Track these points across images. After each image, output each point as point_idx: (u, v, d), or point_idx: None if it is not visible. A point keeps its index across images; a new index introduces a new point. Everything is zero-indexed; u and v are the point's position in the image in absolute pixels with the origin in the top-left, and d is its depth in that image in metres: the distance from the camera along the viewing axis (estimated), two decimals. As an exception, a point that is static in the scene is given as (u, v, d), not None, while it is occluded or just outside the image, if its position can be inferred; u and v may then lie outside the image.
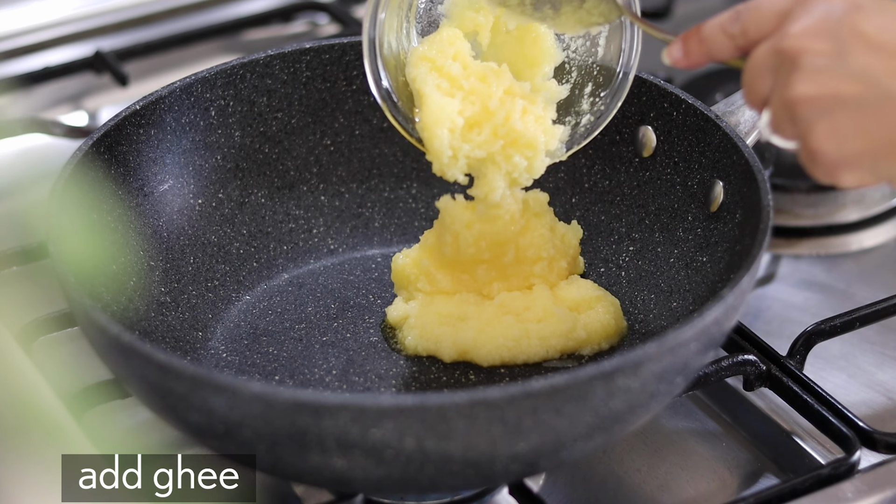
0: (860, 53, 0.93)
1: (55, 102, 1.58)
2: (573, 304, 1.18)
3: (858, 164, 0.95)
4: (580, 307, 1.18)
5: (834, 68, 0.94)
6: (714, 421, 1.18)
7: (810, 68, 0.94)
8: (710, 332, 1.00)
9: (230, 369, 1.17)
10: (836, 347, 1.23)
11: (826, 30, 0.94)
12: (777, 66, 0.96)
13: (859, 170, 0.95)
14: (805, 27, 0.95)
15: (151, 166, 1.20)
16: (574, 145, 1.16)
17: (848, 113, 0.94)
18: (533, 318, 1.16)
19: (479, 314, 1.17)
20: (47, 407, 1.05)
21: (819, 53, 0.94)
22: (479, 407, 0.92)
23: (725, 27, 1.01)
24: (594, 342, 1.17)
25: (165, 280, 1.19)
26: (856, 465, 1.09)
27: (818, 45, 0.94)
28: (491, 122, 1.12)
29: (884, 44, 0.93)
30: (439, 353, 1.17)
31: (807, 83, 0.94)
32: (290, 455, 0.96)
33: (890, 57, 0.93)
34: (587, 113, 1.16)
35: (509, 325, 1.16)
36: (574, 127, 1.16)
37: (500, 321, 1.16)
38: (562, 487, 1.12)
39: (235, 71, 1.24)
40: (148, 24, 1.67)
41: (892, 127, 0.93)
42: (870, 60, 0.93)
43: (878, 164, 0.95)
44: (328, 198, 1.30)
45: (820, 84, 0.94)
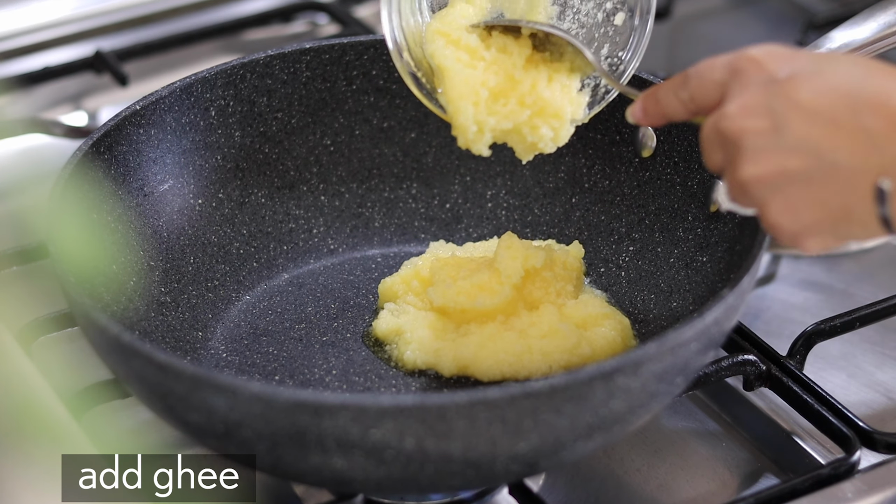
0: (798, 125, 0.92)
1: (55, 102, 1.58)
2: (580, 320, 1.17)
3: (818, 231, 0.94)
4: (587, 324, 1.17)
5: (775, 145, 0.93)
6: (714, 421, 1.18)
7: (752, 149, 0.94)
8: (710, 332, 1.00)
9: (230, 369, 1.17)
10: (836, 347, 1.23)
11: (761, 105, 0.93)
12: (722, 145, 0.96)
13: (821, 236, 0.94)
14: (741, 106, 0.94)
15: (151, 166, 1.20)
16: (595, 106, 1.15)
17: (798, 186, 0.93)
18: (537, 333, 1.15)
19: (480, 329, 1.16)
20: (47, 407, 1.05)
21: (757, 133, 0.93)
22: (479, 407, 0.92)
23: (676, 92, 1.01)
24: (599, 359, 1.14)
25: (165, 280, 1.19)
26: (856, 465, 1.09)
27: (756, 124, 0.93)
28: (517, 91, 1.11)
29: (820, 111, 0.92)
30: (439, 368, 1.15)
31: (751, 164, 0.94)
32: (290, 455, 0.96)
33: (828, 124, 0.91)
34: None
35: (512, 340, 1.14)
36: (594, 89, 1.15)
37: (501, 336, 1.15)
38: (562, 487, 1.12)
39: (235, 71, 1.24)
40: (148, 24, 1.67)
41: (842, 193, 0.92)
42: (809, 131, 0.92)
43: (836, 228, 0.94)
44: (328, 198, 1.30)
45: (764, 163, 0.93)
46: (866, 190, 0.91)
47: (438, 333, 1.17)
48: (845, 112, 0.91)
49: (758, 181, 0.94)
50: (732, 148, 0.95)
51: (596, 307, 1.18)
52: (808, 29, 1.61)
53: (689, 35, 1.72)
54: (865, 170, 0.91)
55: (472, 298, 1.16)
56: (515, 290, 1.16)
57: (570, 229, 1.28)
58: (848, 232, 0.94)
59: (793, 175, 0.93)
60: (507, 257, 1.16)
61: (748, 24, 1.74)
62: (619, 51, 1.14)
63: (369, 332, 1.20)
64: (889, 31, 1.17)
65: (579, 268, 1.21)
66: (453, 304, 1.16)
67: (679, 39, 1.72)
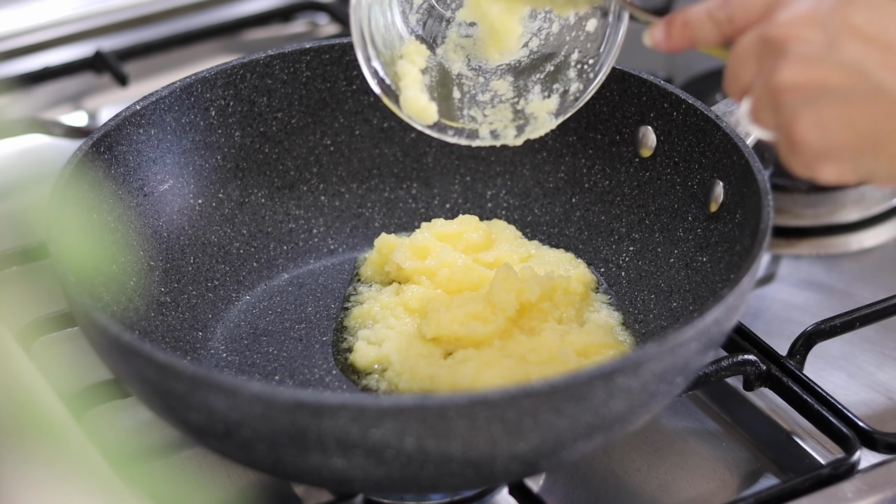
0: (850, 44, 0.91)
1: (55, 102, 1.58)
2: (581, 348, 1.14)
3: (840, 157, 0.93)
4: (588, 352, 1.15)
5: (823, 57, 0.92)
6: (714, 421, 1.18)
7: (798, 56, 0.92)
8: (710, 332, 1.00)
9: (230, 369, 1.17)
10: (836, 347, 1.23)
11: (817, 19, 0.92)
12: (763, 53, 0.94)
13: (840, 163, 0.93)
14: (795, 15, 0.93)
15: (151, 166, 1.20)
16: (564, 113, 1.14)
17: (834, 104, 0.91)
18: (536, 359, 1.13)
19: (477, 354, 1.13)
20: (47, 407, 1.05)
21: (808, 41, 0.92)
22: (479, 407, 0.92)
23: (713, 13, 0.99)
24: None
25: (165, 280, 1.19)
26: (856, 465, 1.09)
27: (808, 34, 0.92)
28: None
29: (875, 36, 0.91)
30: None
31: (794, 70, 0.92)
32: (290, 455, 0.96)
33: (882, 50, 0.91)
34: (575, 81, 1.15)
35: (510, 366, 1.11)
36: (563, 95, 1.15)
37: (500, 362, 1.12)
38: (562, 487, 1.12)
39: (235, 71, 1.24)
40: (148, 24, 1.67)
41: (878, 120, 0.91)
42: (860, 52, 0.91)
43: (860, 158, 0.92)
44: (328, 198, 1.30)
45: (807, 72, 0.92)
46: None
47: (428, 360, 1.14)
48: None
49: (795, 89, 0.92)
50: (776, 53, 0.93)
51: (599, 335, 1.16)
52: (808, 29, 1.61)
53: (689, 35, 1.72)
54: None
55: (464, 325, 1.14)
56: (510, 321, 1.15)
57: (570, 229, 1.28)
58: (872, 165, 0.92)
59: (834, 90, 0.91)
60: (501, 290, 1.14)
61: (748, 24, 1.74)
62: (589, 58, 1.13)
63: (344, 361, 1.18)
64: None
65: (584, 292, 1.20)
66: (447, 332, 1.14)
67: (679, 39, 1.71)
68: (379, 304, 1.20)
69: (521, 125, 1.14)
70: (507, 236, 1.26)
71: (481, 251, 1.23)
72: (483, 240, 1.24)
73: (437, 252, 1.22)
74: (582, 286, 1.20)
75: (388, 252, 1.23)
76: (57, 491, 0.97)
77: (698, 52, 1.04)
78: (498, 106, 1.14)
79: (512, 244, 1.25)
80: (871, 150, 0.92)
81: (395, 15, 1.13)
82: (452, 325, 1.15)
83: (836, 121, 0.91)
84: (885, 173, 0.93)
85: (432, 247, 1.22)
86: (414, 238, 1.23)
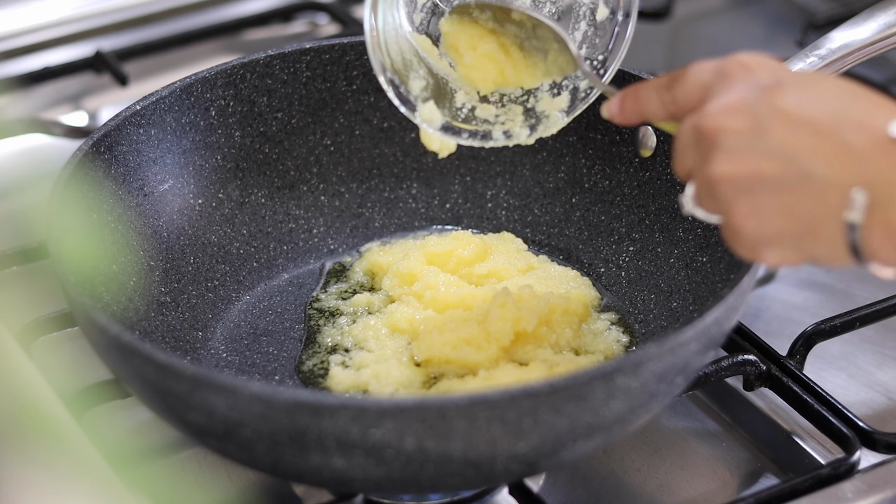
0: (779, 131, 0.91)
1: (55, 102, 1.58)
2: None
3: (780, 242, 0.92)
4: None
5: (752, 147, 0.91)
6: (714, 421, 1.18)
7: (728, 147, 0.92)
8: (710, 332, 1.00)
9: (230, 369, 1.17)
10: (836, 347, 1.23)
11: (745, 107, 0.92)
12: (698, 142, 0.94)
13: (781, 248, 0.92)
14: (724, 105, 0.93)
15: (151, 166, 1.20)
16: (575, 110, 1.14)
17: (768, 192, 0.91)
18: None
19: (461, 385, 1.12)
20: (47, 407, 1.05)
21: (737, 132, 0.92)
22: (479, 407, 0.92)
23: (658, 92, 1.00)
24: None
25: (165, 280, 1.19)
26: (856, 465, 1.09)
27: (736, 123, 0.92)
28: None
29: (804, 121, 0.90)
30: None
31: (725, 162, 0.92)
32: (290, 455, 0.96)
33: (810, 134, 0.90)
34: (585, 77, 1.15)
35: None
36: (573, 92, 1.15)
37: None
38: (562, 487, 1.12)
39: (235, 71, 1.24)
40: (148, 24, 1.67)
41: (812, 206, 0.90)
42: (789, 138, 0.90)
43: (799, 243, 0.92)
44: (328, 198, 1.30)
45: (738, 163, 0.92)
46: (837, 205, 0.89)
47: (407, 389, 1.13)
48: (829, 125, 0.90)
49: (728, 180, 0.92)
50: (708, 145, 0.93)
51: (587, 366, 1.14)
52: (808, 29, 1.61)
53: (689, 35, 1.72)
54: (841, 184, 0.89)
55: (456, 349, 1.13)
56: (503, 350, 1.14)
57: (570, 229, 1.28)
58: (812, 248, 0.92)
59: (765, 179, 0.91)
60: (498, 319, 1.13)
61: (748, 25, 1.74)
62: (598, 53, 1.13)
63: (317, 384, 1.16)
64: (889, 31, 1.17)
65: (583, 313, 1.19)
66: (438, 354, 1.13)
67: (679, 39, 1.71)
68: (362, 324, 1.19)
69: (533, 124, 1.14)
70: (509, 249, 1.24)
71: (475, 264, 1.23)
72: (476, 253, 1.23)
73: (425, 276, 1.20)
74: (581, 307, 1.19)
75: (378, 274, 1.23)
76: (57, 491, 0.97)
77: (699, 53, 1.04)
78: (508, 105, 1.14)
79: (510, 257, 1.24)
80: (809, 234, 0.91)
81: (402, 17, 1.13)
82: (444, 348, 1.13)
83: (772, 208, 0.91)
84: (826, 256, 0.92)
85: (419, 272, 1.21)
86: (401, 266, 1.22)
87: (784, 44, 1.65)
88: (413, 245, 1.25)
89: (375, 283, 1.24)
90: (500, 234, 1.27)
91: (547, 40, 1.11)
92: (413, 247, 1.24)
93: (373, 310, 1.21)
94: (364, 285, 1.24)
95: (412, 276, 1.20)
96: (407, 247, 1.25)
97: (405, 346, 1.17)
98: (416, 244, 1.25)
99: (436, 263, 1.21)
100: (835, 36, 1.18)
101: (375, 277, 1.24)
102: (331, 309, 1.22)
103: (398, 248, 1.25)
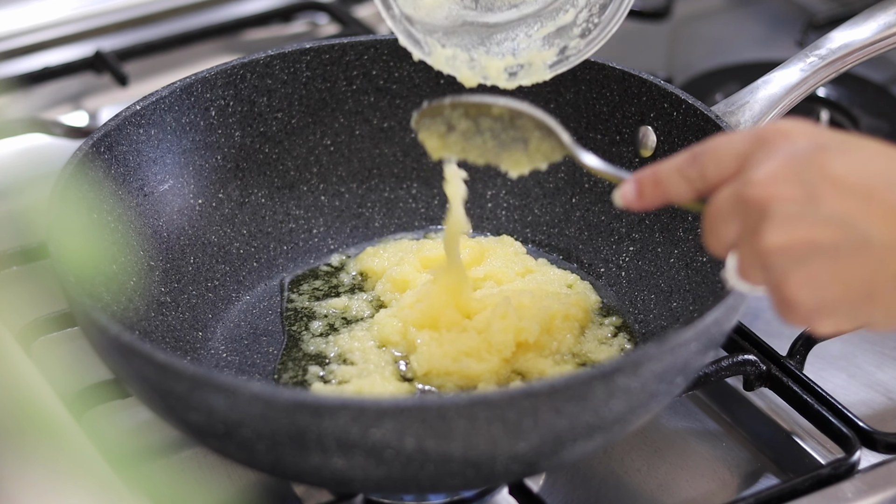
0: (831, 197, 0.88)
1: (55, 102, 1.58)
2: None
3: (835, 311, 0.90)
4: None
5: (806, 214, 0.89)
6: (714, 421, 1.18)
7: (781, 216, 0.89)
8: (710, 332, 1.00)
9: (230, 369, 1.17)
10: (836, 347, 1.23)
11: (793, 174, 0.90)
12: (744, 213, 0.91)
13: (836, 317, 0.90)
14: (770, 172, 0.90)
15: (151, 166, 1.20)
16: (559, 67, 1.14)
17: (824, 260, 0.88)
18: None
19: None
20: (47, 407, 1.05)
21: (789, 200, 0.89)
22: (479, 407, 0.92)
23: (683, 170, 0.96)
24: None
25: (165, 280, 1.19)
26: (856, 465, 1.09)
27: (787, 191, 0.89)
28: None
29: (855, 185, 0.88)
30: None
31: (779, 232, 0.89)
32: (290, 455, 0.96)
33: (863, 198, 0.88)
34: (577, 38, 1.15)
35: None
36: (563, 50, 1.14)
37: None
38: (562, 487, 1.12)
39: (235, 71, 1.24)
40: (148, 24, 1.67)
41: (870, 272, 0.88)
42: (842, 203, 0.88)
43: (855, 310, 0.90)
44: (328, 198, 1.30)
45: (793, 232, 0.89)
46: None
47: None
48: (881, 188, 0.88)
49: (783, 250, 0.89)
50: (757, 215, 0.90)
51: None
52: (808, 29, 1.61)
53: (689, 35, 1.72)
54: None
55: (456, 361, 1.12)
56: (504, 361, 1.13)
57: (570, 229, 1.28)
58: (869, 316, 0.90)
59: (822, 247, 0.89)
60: (500, 329, 1.13)
61: (748, 24, 1.74)
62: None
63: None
64: (889, 31, 1.17)
65: (583, 318, 1.18)
66: (437, 366, 1.13)
67: (679, 39, 1.71)
68: (349, 335, 1.18)
69: (514, 71, 1.14)
70: (507, 252, 1.24)
71: (471, 268, 1.22)
72: (472, 257, 1.22)
73: (417, 283, 1.19)
74: (582, 312, 1.19)
75: (371, 277, 1.23)
76: (57, 491, 0.97)
77: (699, 53, 1.04)
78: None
79: (506, 260, 1.23)
80: (867, 301, 0.89)
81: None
82: (444, 360, 1.13)
83: (828, 277, 0.89)
84: (883, 322, 0.90)
85: (412, 280, 1.20)
86: (394, 271, 1.21)
87: (784, 44, 1.65)
88: (409, 247, 1.25)
89: (367, 286, 1.23)
90: (500, 238, 1.27)
91: (527, 129, 1.07)
92: (409, 249, 1.24)
93: (349, 315, 1.20)
94: (343, 286, 1.24)
95: (405, 282, 1.20)
96: (403, 248, 1.25)
97: (391, 359, 1.15)
98: (412, 247, 1.25)
99: (431, 268, 1.21)
100: (835, 36, 1.18)
101: (369, 280, 1.24)
102: (304, 310, 1.21)
103: (394, 249, 1.25)
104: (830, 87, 1.52)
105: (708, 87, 1.52)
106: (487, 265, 1.22)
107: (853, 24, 1.18)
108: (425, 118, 1.08)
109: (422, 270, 1.21)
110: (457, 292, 1.15)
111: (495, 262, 1.23)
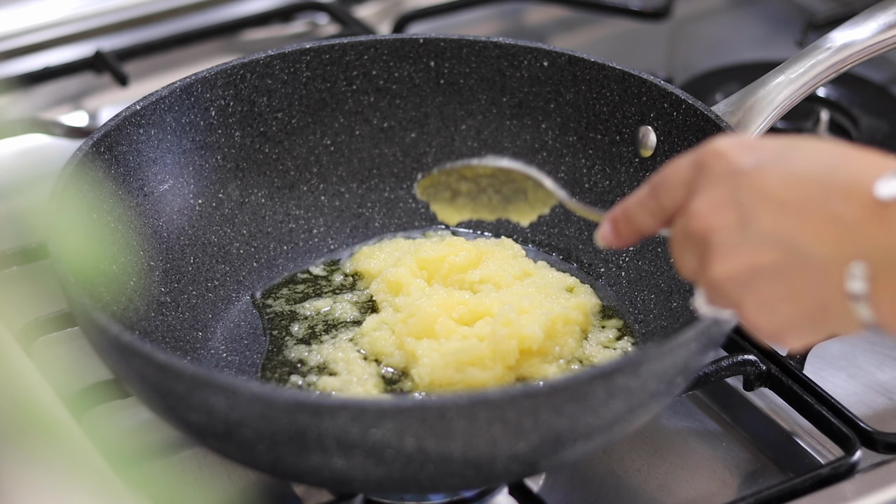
0: (767, 217, 0.87)
1: (55, 102, 1.58)
2: None
3: (795, 327, 0.89)
4: None
5: (744, 240, 0.88)
6: (714, 421, 1.18)
7: (721, 245, 0.89)
8: (710, 332, 1.00)
9: (230, 369, 1.17)
10: (836, 347, 1.23)
11: (727, 200, 0.89)
12: (691, 245, 0.92)
13: (798, 331, 0.90)
14: (706, 202, 0.90)
15: (151, 166, 1.20)
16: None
17: (770, 282, 0.88)
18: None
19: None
20: (47, 407, 1.05)
21: (726, 228, 0.89)
22: (479, 407, 0.92)
23: (645, 204, 0.96)
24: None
25: (165, 280, 1.19)
26: (856, 465, 1.09)
27: (723, 219, 0.89)
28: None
29: (789, 200, 0.87)
30: None
31: (723, 262, 0.89)
32: (290, 455, 0.96)
33: (798, 214, 0.87)
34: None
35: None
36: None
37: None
38: (562, 487, 1.12)
39: (235, 71, 1.24)
40: (148, 24, 1.67)
41: (816, 286, 0.87)
42: (777, 221, 0.87)
43: (815, 324, 0.89)
44: (328, 198, 1.30)
45: (735, 260, 0.88)
46: (840, 281, 0.86)
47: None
48: (815, 200, 0.87)
49: (730, 279, 0.89)
50: (702, 248, 0.91)
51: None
52: (808, 29, 1.61)
53: (689, 35, 1.72)
54: (839, 259, 0.85)
55: (460, 371, 1.12)
56: (508, 368, 1.13)
57: (570, 229, 1.28)
58: (828, 326, 0.89)
59: (764, 270, 0.88)
60: (503, 336, 1.12)
61: (748, 24, 1.74)
62: None
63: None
64: (889, 31, 1.17)
65: (584, 321, 1.18)
66: (441, 377, 1.12)
67: (679, 39, 1.72)
68: (334, 345, 1.18)
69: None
70: (505, 255, 1.23)
71: (468, 270, 1.22)
72: (469, 260, 1.22)
73: (411, 288, 1.19)
74: (582, 315, 1.18)
75: (366, 277, 1.23)
76: (57, 491, 0.97)
77: (699, 53, 1.04)
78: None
79: (504, 263, 1.22)
80: (822, 314, 0.88)
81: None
82: (447, 370, 1.12)
83: (778, 297, 0.89)
84: (845, 329, 0.89)
85: (407, 283, 1.20)
86: (389, 273, 1.21)
87: (784, 44, 1.65)
88: (406, 247, 1.25)
89: (360, 286, 1.23)
90: (499, 241, 1.26)
91: (521, 180, 1.08)
92: (406, 250, 1.24)
93: (330, 319, 1.20)
94: (334, 286, 1.23)
95: (398, 285, 1.20)
96: (400, 248, 1.25)
97: (376, 371, 1.15)
98: (409, 247, 1.25)
99: (427, 269, 1.20)
100: (835, 36, 1.18)
101: (363, 279, 1.24)
102: (284, 312, 1.21)
103: (391, 249, 1.25)
104: (830, 87, 1.52)
105: (708, 87, 1.52)
106: (484, 268, 1.22)
107: (853, 24, 1.18)
108: (428, 189, 1.10)
109: (417, 273, 1.21)
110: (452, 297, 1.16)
111: (492, 266, 1.22)
